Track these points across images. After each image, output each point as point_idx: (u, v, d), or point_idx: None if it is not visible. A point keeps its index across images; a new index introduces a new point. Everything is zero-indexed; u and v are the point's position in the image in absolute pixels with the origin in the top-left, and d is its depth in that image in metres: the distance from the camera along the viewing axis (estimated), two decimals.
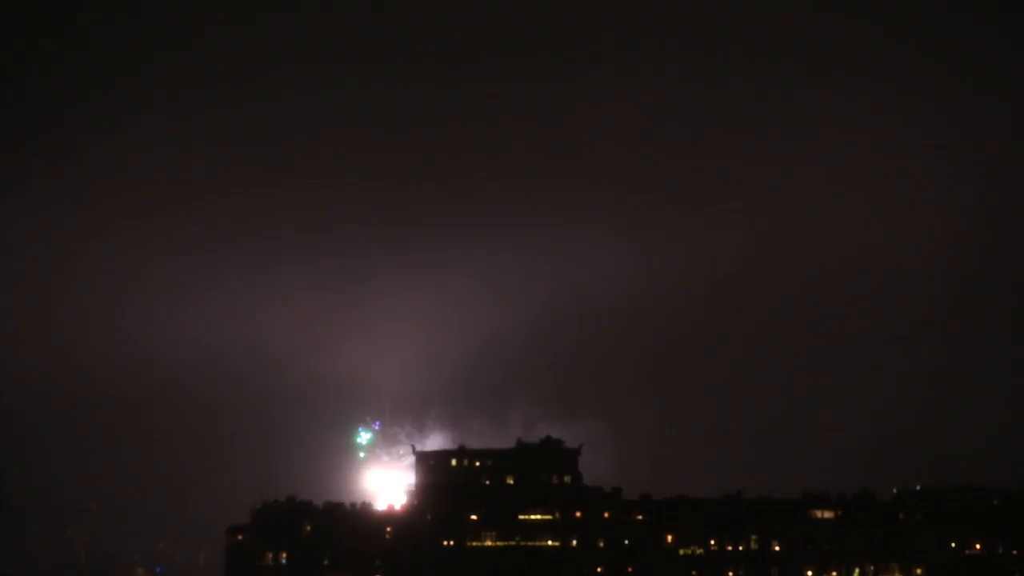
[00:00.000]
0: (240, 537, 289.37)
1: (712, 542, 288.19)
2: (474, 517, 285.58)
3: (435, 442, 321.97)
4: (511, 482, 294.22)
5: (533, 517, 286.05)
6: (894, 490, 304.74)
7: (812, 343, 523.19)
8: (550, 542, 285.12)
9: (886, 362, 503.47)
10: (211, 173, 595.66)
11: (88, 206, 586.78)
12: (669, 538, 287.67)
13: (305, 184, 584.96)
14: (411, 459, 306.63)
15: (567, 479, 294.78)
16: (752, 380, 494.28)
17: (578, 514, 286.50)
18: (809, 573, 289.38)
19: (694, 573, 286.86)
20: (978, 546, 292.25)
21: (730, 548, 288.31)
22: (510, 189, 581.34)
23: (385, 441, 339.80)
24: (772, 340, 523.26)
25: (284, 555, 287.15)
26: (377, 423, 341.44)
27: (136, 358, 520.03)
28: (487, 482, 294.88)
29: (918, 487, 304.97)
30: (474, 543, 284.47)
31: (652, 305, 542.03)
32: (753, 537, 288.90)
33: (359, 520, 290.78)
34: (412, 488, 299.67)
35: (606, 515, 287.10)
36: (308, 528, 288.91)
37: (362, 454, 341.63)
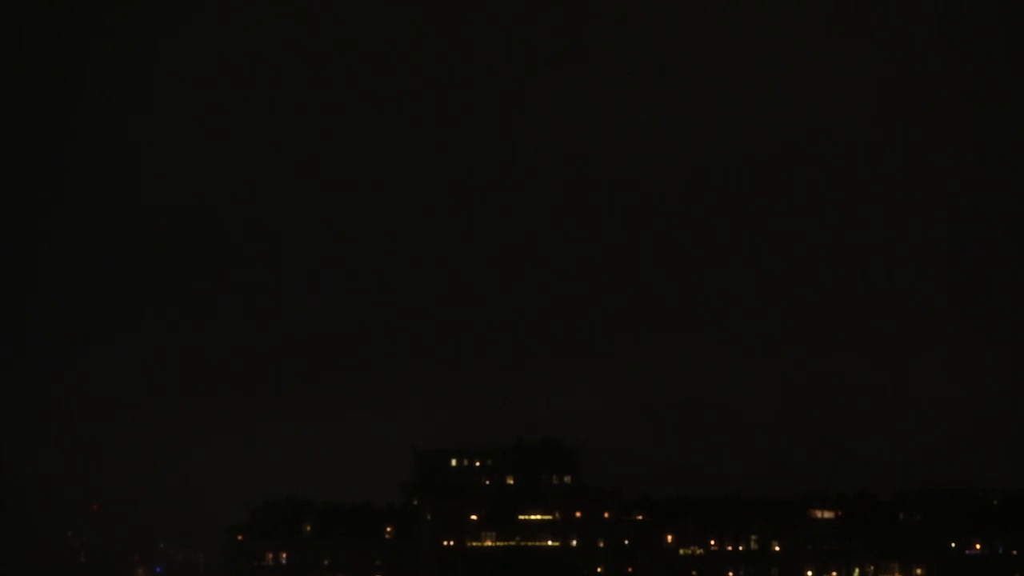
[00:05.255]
0: (240, 537, 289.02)
1: (712, 542, 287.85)
2: (474, 517, 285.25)
3: None
4: (511, 482, 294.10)
5: (533, 517, 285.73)
6: (894, 490, 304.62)
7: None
8: (550, 542, 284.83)
9: (885, 360, 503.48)
10: None
11: None
12: (669, 538, 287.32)
13: None
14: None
15: (567, 479, 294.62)
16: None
17: (578, 514, 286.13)
18: (809, 573, 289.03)
19: (694, 573, 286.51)
20: (978, 546, 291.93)
21: (730, 548, 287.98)
22: None
23: None
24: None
25: (284, 555, 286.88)
26: None
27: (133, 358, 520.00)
28: (487, 482, 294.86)
29: (918, 487, 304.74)
30: (474, 543, 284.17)
31: None
32: (753, 537, 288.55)
33: (359, 520, 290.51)
34: (412, 488, 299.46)
35: (606, 515, 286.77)
36: (308, 528, 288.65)
37: None
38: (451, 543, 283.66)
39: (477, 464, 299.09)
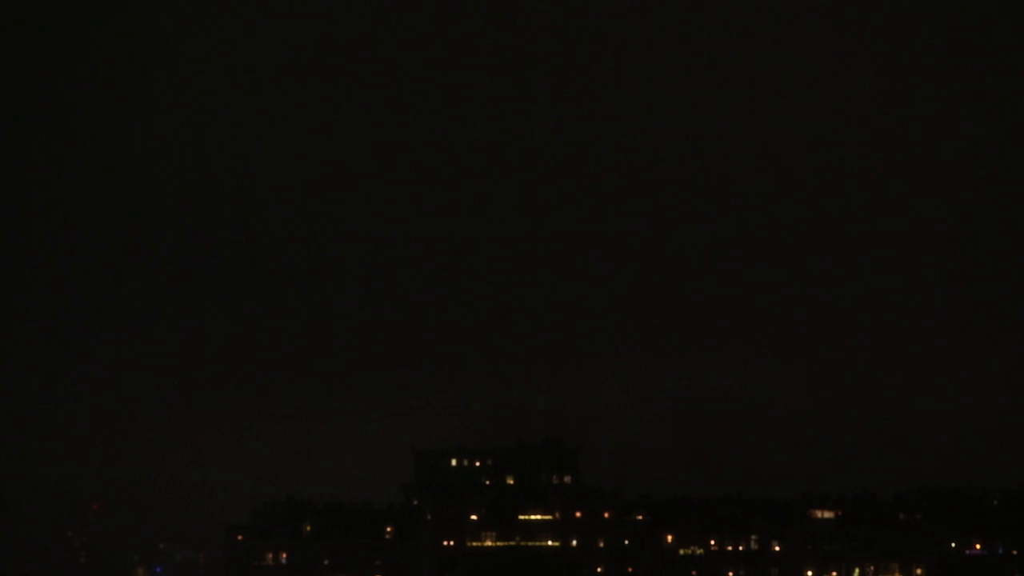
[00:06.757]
0: (240, 537, 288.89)
1: (712, 542, 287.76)
2: (474, 517, 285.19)
3: None
4: (511, 482, 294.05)
5: (533, 517, 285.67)
6: (894, 490, 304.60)
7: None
8: (550, 542, 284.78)
9: (886, 360, 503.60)
10: None
11: None
12: (669, 538, 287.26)
13: None
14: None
15: (567, 479, 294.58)
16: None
17: (578, 514, 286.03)
18: (809, 573, 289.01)
19: (694, 573, 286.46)
20: (978, 546, 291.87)
21: (730, 548, 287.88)
22: None
23: None
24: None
25: (284, 555, 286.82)
26: None
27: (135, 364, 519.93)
28: (487, 482, 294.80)
29: (918, 487, 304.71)
30: (474, 543, 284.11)
31: None
32: (753, 537, 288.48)
33: (359, 520, 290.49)
34: (412, 488, 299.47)
35: (606, 515, 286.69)
36: (308, 528, 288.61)
37: None
38: (451, 543, 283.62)
39: (477, 464, 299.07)
